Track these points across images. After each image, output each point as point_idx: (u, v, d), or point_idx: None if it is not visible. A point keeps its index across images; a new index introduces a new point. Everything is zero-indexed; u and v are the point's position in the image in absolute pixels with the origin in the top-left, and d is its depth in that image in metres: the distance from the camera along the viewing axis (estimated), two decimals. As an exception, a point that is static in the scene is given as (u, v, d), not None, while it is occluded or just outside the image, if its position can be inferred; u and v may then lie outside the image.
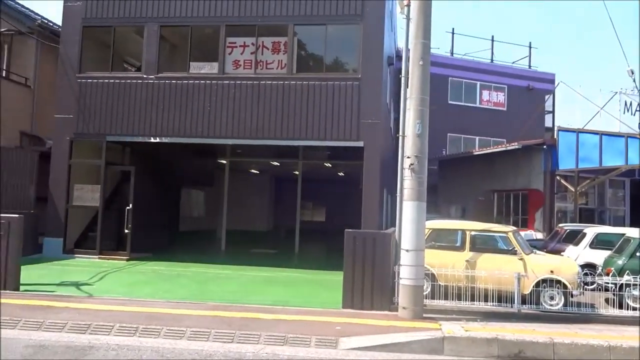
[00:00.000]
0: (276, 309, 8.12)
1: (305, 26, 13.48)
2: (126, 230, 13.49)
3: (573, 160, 17.22)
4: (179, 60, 14.52)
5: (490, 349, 6.57)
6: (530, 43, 31.23)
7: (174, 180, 17.99)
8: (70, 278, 10.38)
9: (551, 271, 8.88)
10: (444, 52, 28.47)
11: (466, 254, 9.30)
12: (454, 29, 29.78)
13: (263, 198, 26.67)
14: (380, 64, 13.00)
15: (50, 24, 16.48)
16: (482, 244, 9.48)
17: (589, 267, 10.31)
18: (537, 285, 8.76)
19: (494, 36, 38.07)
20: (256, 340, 6.51)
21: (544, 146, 18.35)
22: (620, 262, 9.70)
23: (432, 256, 8.97)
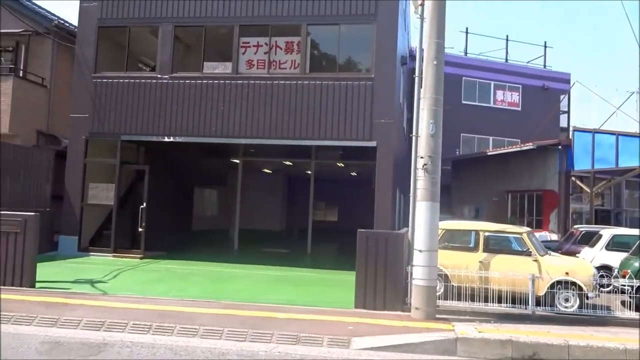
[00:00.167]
0: (288, 308, 8.13)
1: (318, 26, 13.48)
2: (140, 229, 13.60)
3: (589, 161, 17.03)
4: (193, 60, 14.60)
5: (504, 350, 6.52)
6: (546, 42, 30.92)
7: (188, 179, 18.10)
8: (85, 276, 10.49)
9: (566, 273, 8.79)
10: (458, 52, 28.34)
11: (480, 255, 9.24)
12: (468, 28, 29.63)
13: (276, 198, 26.72)
14: (393, 63, 12.96)
15: (67, 25, 16.67)
16: (496, 245, 9.41)
17: (604, 269, 10.14)
18: (552, 287, 8.67)
19: (508, 36, 37.85)
20: (269, 339, 6.52)
21: (559, 146, 18.17)
22: (637, 264, 9.57)
23: (446, 257, 8.92)
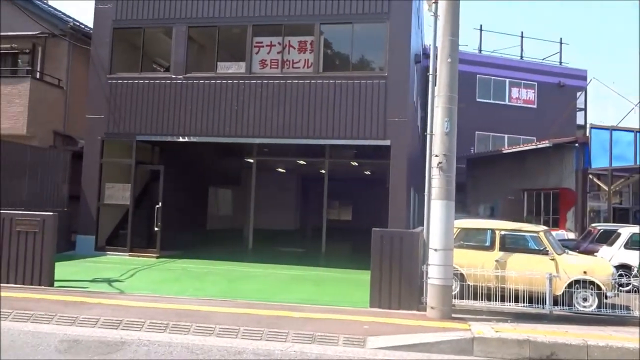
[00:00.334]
0: (304, 307, 8.14)
1: (331, 25, 13.47)
2: (156, 228, 13.70)
3: (606, 159, 16.80)
4: (206, 60, 14.68)
5: (522, 350, 6.45)
6: (561, 39, 30.60)
7: (202, 179, 18.20)
8: (102, 275, 10.61)
9: (584, 272, 8.68)
10: (472, 50, 28.16)
11: (496, 254, 9.16)
12: (482, 25, 29.40)
13: (290, 197, 26.75)
14: (407, 62, 12.90)
15: (82, 26, 16.83)
16: (513, 244, 9.33)
17: (623, 268, 10.04)
18: (570, 286, 8.57)
19: (523, 32, 37.44)
20: (284, 338, 6.54)
21: (576, 144, 17.96)
22: (656, 263, 9.42)
23: (461, 256, 8.86)
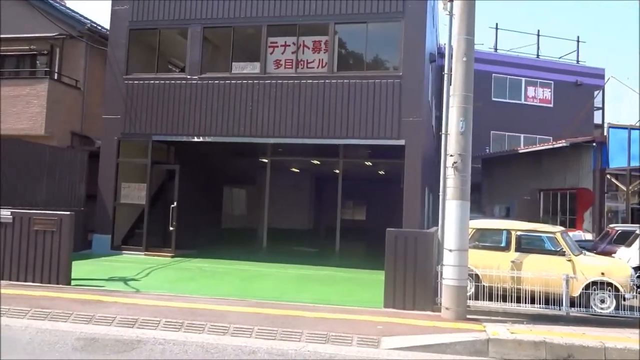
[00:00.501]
0: (318, 307, 8.14)
1: (346, 25, 13.46)
2: (171, 228, 13.81)
3: (624, 158, 16.56)
4: (221, 60, 14.76)
5: (538, 352, 6.39)
6: (578, 37, 30.07)
7: (217, 178, 18.29)
8: (118, 274, 10.72)
9: (602, 273, 8.56)
10: (488, 48, 27.92)
11: (511, 255, 9.08)
12: (498, 24, 29.14)
13: (304, 196, 26.75)
14: (422, 61, 12.84)
15: (99, 28, 17.04)
16: (529, 245, 9.23)
17: (642, 270, 9.88)
18: (587, 287, 8.46)
19: (539, 31, 37.00)
20: (298, 337, 6.54)
21: (594, 144, 17.71)
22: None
23: (476, 256, 8.80)
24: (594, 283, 8.49)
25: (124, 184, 14.38)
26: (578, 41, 29.22)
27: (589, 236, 16.55)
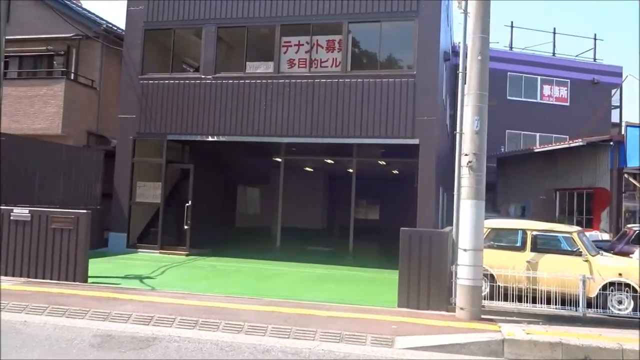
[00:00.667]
0: (331, 306, 8.15)
1: (359, 24, 13.45)
2: (185, 227, 13.91)
3: (643, 158, 16.32)
4: (235, 60, 14.81)
5: (554, 353, 6.32)
6: (595, 35, 29.78)
7: (231, 177, 18.39)
8: (133, 272, 10.83)
9: (619, 274, 8.45)
10: (503, 47, 27.66)
11: (527, 255, 9.00)
12: (513, 22, 28.87)
13: (317, 196, 26.74)
14: (436, 60, 12.78)
15: (115, 28, 17.21)
16: (545, 245, 9.13)
17: (660, 271, 9.72)
18: (604, 288, 8.37)
19: (555, 28, 36.56)
20: (312, 336, 6.55)
21: (611, 143, 17.47)
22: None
23: (491, 256, 8.74)
24: (612, 284, 8.39)
25: (140, 182, 14.52)
26: (595, 39, 28.86)
27: (606, 236, 16.34)
